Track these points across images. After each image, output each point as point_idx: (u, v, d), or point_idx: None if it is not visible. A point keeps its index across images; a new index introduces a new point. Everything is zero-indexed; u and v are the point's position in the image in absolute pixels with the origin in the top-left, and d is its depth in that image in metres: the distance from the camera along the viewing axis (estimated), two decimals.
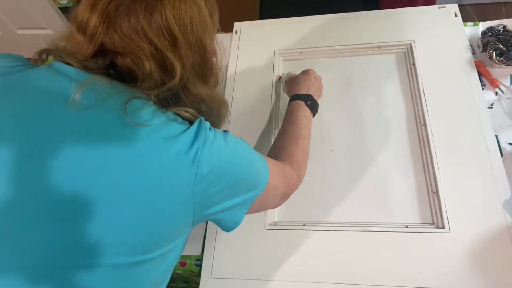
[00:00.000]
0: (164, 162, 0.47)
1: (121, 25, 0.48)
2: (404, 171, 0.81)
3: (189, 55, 0.52)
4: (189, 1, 0.51)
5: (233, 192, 0.53)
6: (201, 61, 0.55)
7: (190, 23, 0.51)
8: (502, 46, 0.91)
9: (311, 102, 0.81)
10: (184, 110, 0.53)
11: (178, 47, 0.50)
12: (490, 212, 0.73)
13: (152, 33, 0.48)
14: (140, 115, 0.48)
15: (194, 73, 0.54)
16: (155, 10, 0.48)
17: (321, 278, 0.72)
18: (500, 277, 0.68)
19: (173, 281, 0.88)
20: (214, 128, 0.54)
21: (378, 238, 0.74)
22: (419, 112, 0.86)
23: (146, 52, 0.49)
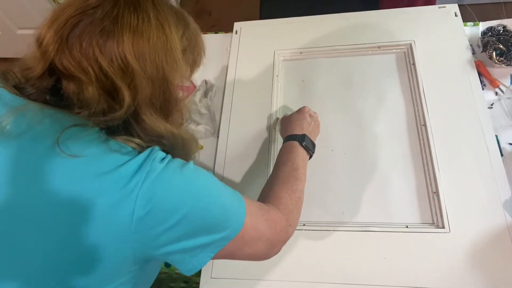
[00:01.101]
0: (88, 199, 0.43)
1: (72, 47, 0.44)
2: (404, 171, 0.81)
3: (145, 87, 0.47)
4: (156, 32, 0.47)
5: (191, 232, 0.47)
6: (161, 95, 0.50)
7: (152, 55, 0.47)
8: (502, 46, 0.91)
9: (306, 143, 0.73)
10: (129, 140, 0.48)
11: (131, 76, 0.46)
12: (490, 212, 0.73)
13: (103, 59, 0.44)
14: (74, 144, 0.45)
15: (151, 105, 0.49)
16: (111, 36, 0.45)
17: (321, 278, 0.72)
18: (500, 277, 0.67)
19: (173, 281, 0.88)
20: (174, 159, 0.49)
21: (378, 238, 0.74)
22: (419, 112, 0.86)
23: (91, 77, 0.45)
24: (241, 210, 0.53)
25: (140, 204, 0.44)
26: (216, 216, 0.49)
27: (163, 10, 0.50)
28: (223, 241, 0.50)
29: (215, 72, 1.06)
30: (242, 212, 0.52)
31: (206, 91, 1.01)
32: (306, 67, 0.99)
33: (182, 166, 0.49)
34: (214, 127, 0.96)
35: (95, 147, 0.46)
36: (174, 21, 0.51)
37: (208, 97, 0.99)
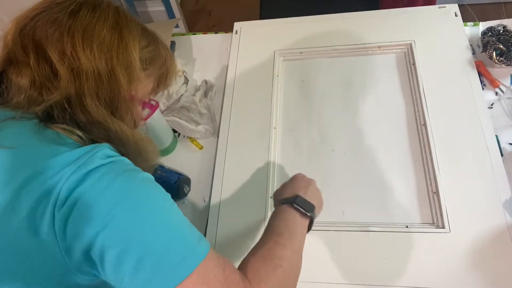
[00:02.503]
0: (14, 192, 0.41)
1: (25, 34, 0.47)
2: (404, 171, 0.81)
3: (90, 77, 0.46)
4: (111, 30, 0.48)
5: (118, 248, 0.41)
6: (109, 91, 0.49)
7: (101, 48, 0.47)
8: (502, 46, 0.91)
9: (298, 202, 0.62)
10: (69, 131, 0.46)
11: (75, 63, 0.46)
12: (490, 212, 0.73)
13: (49, 45, 0.45)
14: (7, 135, 0.44)
15: (96, 98, 0.48)
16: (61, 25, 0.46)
17: (320, 278, 0.72)
18: (500, 277, 0.67)
19: None
20: (123, 160, 0.46)
21: (378, 238, 0.74)
22: (419, 112, 0.86)
23: (30, 60, 0.46)
24: (198, 251, 0.43)
25: (61, 200, 0.40)
26: (153, 240, 0.41)
27: (126, 18, 0.51)
28: (158, 281, 0.41)
29: (215, 72, 1.06)
30: (198, 255, 0.43)
31: (206, 91, 1.01)
32: (306, 67, 0.99)
33: (130, 170, 0.45)
34: (214, 127, 0.96)
35: (30, 137, 0.45)
36: (137, 31, 0.52)
37: (208, 97, 1.00)
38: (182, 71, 1.03)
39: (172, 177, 0.84)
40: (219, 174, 0.86)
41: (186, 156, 0.94)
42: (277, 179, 0.85)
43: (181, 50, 1.12)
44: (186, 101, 0.98)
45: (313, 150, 0.87)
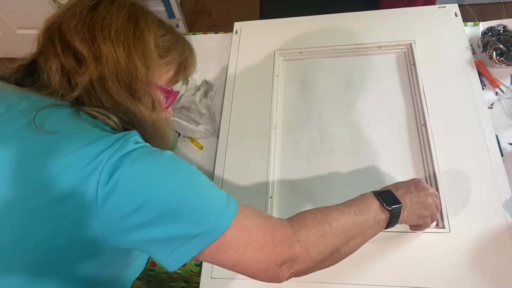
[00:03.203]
0: (56, 175, 0.44)
1: (52, 28, 0.53)
2: (404, 171, 0.81)
3: (110, 60, 0.51)
4: (127, 18, 0.54)
5: (162, 218, 0.45)
6: (128, 74, 0.53)
7: (119, 33, 0.52)
8: (502, 46, 0.91)
9: (383, 195, 0.60)
10: (107, 117, 0.51)
11: (97, 48, 0.51)
12: (490, 212, 0.73)
13: (72, 33, 0.51)
14: (50, 122, 0.48)
15: (117, 80, 0.52)
16: (83, 17, 0.52)
17: (321, 278, 0.72)
18: (500, 277, 0.67)
19: (173, 281, 0.88)
20: (151, 146, 0.50)
21: (378, 238, 0.74)
22: (419, 112, 0.86)
23: (57, 49, 0.51)
24: (230, 207, 0.49)
25: (104, 179, 0.44)
26: (191, 205, 0.47)
27: (142, 10, 0.57)
28: (203, 237, 0.47)
29: (215, 72, 1.06)
30: (231, 210, 0.49)
31: (206, 91, 1.01)
32: (306, 67, 0.99)
33: (157, 151, 0.49)
34: (214, 127, 0.96)
35: (71, 124, 0.49)
36: (154, 22, 0.58)
37: (208, 97, 1.00)
38: None
39: None
40: (219, 174, 0.86)
41: (186, 156, 0.94)
42: (277, 179, 0.85)
43: None
44: (186, 101, 0.98)
45: (313, 150, 0.87)
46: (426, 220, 0.64)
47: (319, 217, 0.55)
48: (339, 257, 0.56)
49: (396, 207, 0.59)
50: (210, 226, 0.47)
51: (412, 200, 0.62)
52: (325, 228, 0.53)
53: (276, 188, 0.84)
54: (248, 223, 0.49)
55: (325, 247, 0.53)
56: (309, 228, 0.53)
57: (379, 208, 0.59)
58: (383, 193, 0.61)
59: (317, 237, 0.52)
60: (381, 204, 0.59)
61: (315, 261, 0.52)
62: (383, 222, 0.59)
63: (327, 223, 0.54)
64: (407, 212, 0.61)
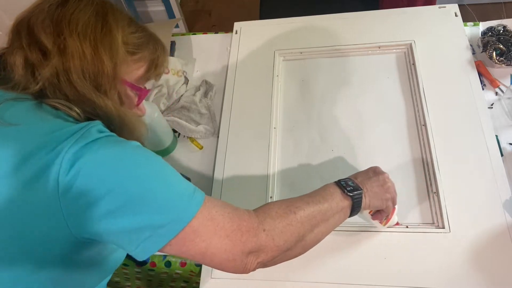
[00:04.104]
0: (17, 166, 0.44)
1: (21, 22, 0.54)
2: (404, 171, 0.81)
3: (75, 52, 0.51)
4: (95, 15, 0.54)
5: (125, 208, 0.45)
6: (93, 69, 0.52)
7: (85, 27, 0.52)
8: (502, 46, 0.91)
9: (344, 181, 0.63)
10: (69, 108, 0.51)
11: (62, 40, 0.51)
12: (490, 212, 0.73)
13: (38, 25, 0.51)
14: (12, 114, 0.48)
15: (82, 73, 0.52)
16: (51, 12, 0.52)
17: (321, 278, 0.72)
18: (500, 277, 0.67)
19: (173, 281, 0.88)
20: (116, 136, 0.50)
21: (378, 238, 0.74)
22: (419, 112, 0.86)
23: (22, 41, 0.51)
24: (197, 197, 0.50)
25: (65, 169, 0.44)
26: (157, 195, 0.47)
27: (111, 7, 0.57)
28: (171, 226, 0.47)
29: (215, 72, 1.06)
30: (198, 199, 0.49)
31: (206, 91, 1.01)
32: (306, 67, 0.99)
33: (123, 141, 0.49)
34: (214, 127, 0.96)
35: (33, 115, 0.49)
36: (123, 19, 0.57)
37: (208, 97, 1.00)
38: (182, 71, 1.03)
39: None
40: (219, 174, 0.86)
41: (186, 156, 0.94)
42: (277, 179, 0.85)
43: (181, 50, 1.12)
44: (186, 101, 0.98)
45: (313, 150, 0.87)
46: (387, 203, 0.66)
47: (284, 207, 0.56)
48: (306, 245, 0.57)
49: (357, 193, 0.61)
50: (177, 215, 0.47)
51: (372, 184, 0.65)
52: (290, 217, 0.55)
53: (276, 188, 0.84)
54: (215, 212, 0.50)
55: (291, 235, 0.54)
56: (275, 217, 0.54)
57: (341, 195, 0.61)
58: (344, 181, 0.64)
59: (283, 226, 0.54)
60: (342, 191, 0.61)
61: (281, 250, 0.53)
62: (346, 209, 0.61)
63: (292, 212, 0.55)
64: (369, 197, 0.64)
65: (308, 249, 0.58)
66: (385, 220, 0.70)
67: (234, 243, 0.50)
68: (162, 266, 0.81)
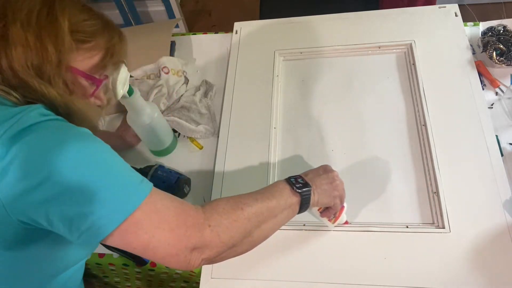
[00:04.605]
0: None
1: None
2: (404, 171, 0.81)
3: (16, 36, 0.49)
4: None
5: (65, 195, 0.44)
6: (36, 55, 0.51)
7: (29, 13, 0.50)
8: (503, 46, 0.91)
9: (293, 179, 0.63)
10: (6, 92, 0.49)
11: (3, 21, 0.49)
12: (490, 212, 0.73)
13: None
14: None
15: (24, 60, 0.50)
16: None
17: (321, 278, 0.72)
18: (500, 277, 0.67)
19: (173, 281, 0.88)
20: (61, 119, 0.49)
21: (378, 238, 0.74)
22: (419, 112, 0.86)
23: None
24: (143, 187, 0.49)
25: (1, 153, 0.43)
26: (96, 183, 0.45)
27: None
28: (112, 216, 0.45)
29: (215, 72, 1.06)
30: (143, 189, 0.48)
31: (206, 91, 1.01)
32: (306, 67, 0.99)
33: (68, 126, 0.48)
34: (214, 127, 0.96)
35: None
36: (74, 6, 0.55)
37: (208, 97, 1.00)
38: (182, 71, 1.03)
39: (172, 177, 0.84)
40: (219, 174, 0.86)
41: (186, 156, 0.94)
42: (277, 179, 0.85)
43: (181, 50, 1.12)
44: (186, 101, 0.98)
45: (313, 150, 0.87)
46: (335, 201, 0.67)
47: (232, 203, 0.56)
48: (253, 241, 0.57)
49: (306, 190, 0.62)
50: (119, 205, 0.46)
51: (321, 182, 0.65)
52: (238, 213, 0.55)
53: None
54: (161, 205, 0.49)
55: (237, 231, 0.54)
56: (221, 213, 0.54)
57: (290, 191, 0.61)
58: (294, 178, 0.64)
59: (229, 222, 0.53)
60: (291, 188, 0.61)
61: (227, 246, 0.53)
62: (295, 205, 0.61)
63: (240, 208, 0.55)
64: (318, 194, 0.64)
65: (256, 245, 0.58)
66: (334, 218, 0.71)
67: (178, 238, 0.49)
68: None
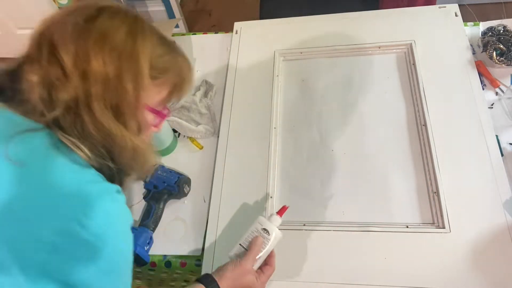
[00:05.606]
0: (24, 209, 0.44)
1: (44, 32, 0.48)
2: (404, 171, 0.81)
3: (98, 79, 0.47)
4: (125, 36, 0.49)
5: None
6: (115, 96, 0.49)
7: (112, 53, 0.48)
8: (503, 46, 0.91)
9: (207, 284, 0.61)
10: (77, 147, 0.47)
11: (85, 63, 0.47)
12: (490, 212, 0.73)
13: (61, 43, 0.47)
14: (23, 151, 0.46)
15: (103, 101, 0.48)
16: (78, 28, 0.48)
17: (321, 278, 0.72)
18: (500, 277, 0.67)
19: (174, 280, 0.88)
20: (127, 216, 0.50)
21: (378, 238, 0.74)
22: (419, 112, 0.86)
23: (42, 56, 0.47)
24: None
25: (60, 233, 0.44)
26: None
27: (142, 26, 0.52)
28: None
29: (215, 72, 1.06)
30: None
31: (206, 91, 1.01)
32: (306, 67, 0.99)
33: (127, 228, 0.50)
34: (214, 127, 0.96)
35: (43, 156, 0.46)
36: (153, 40, 0.53)
37: (208, 97, 1.00)
38: None
39: (172, 177, 0.84)
40: (219, 174, 0.86)
41: (186, 156, 0.94)
42: (277, 179, 0.85)
43: None
44: (186, 101, 0.97)
45: (313, 150, 0.87)
46: None
47: None
48: None
49: None
50: None
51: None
52: None
53: (276, 188, 0.84)
54: None
55: None
56: None
57: None
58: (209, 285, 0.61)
59: None
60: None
61: None
62: None
63: None
64: None
65: None
66: None
67: None
68: (162, 266, 0.81)
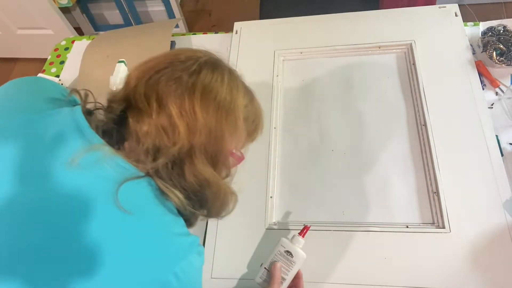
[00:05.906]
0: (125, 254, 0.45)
1: (149, 84, 0.50)
2: (404, 171, 0.81)
3: (202, 133, 0.50)
4: (225, 92, 0.52)
5: None
6: (215, 146, 0.51)
7: (215, 109, 0.51)
8: (503, 46, 0.91)
9: None
10: (173, 193, 0.50)
11: (191, 119, 0.49)
12: (490, 212, 0.73)
13: (169, 98, 0.49)
14: (128, 199, 0.47)
15: (204, 152, 0.51)
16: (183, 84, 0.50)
17: (321, 278, 0.72)
18: (500, 277, 0.67)
19: None
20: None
21: (378, 238, 0.74)
22: (419, 112, 0.86)
23: (152, 110, 0.49)
24: None
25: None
26: None
27: (236, 79, 0.56)
28: None
29: None
30: None
31: None
32: (306, 67, 0.99)
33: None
34: None
35: (146, 205, 0.48)
36: (243, 90, 0.57)
37: None
38: None
39: None
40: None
41: None
42: (277, 179, 0.85)
43: None
44: None
45: (313, 150, 0.87)
46: None
47: None
48: None
49: None
50: None
51: None
52: None
53: (276, 188, 0.84)
54: None
55: None
56: None
57: None
58: None
59: None
60: None
61: None
62: None
63: None
64: None
65: None
66: None
67: None
68: None
